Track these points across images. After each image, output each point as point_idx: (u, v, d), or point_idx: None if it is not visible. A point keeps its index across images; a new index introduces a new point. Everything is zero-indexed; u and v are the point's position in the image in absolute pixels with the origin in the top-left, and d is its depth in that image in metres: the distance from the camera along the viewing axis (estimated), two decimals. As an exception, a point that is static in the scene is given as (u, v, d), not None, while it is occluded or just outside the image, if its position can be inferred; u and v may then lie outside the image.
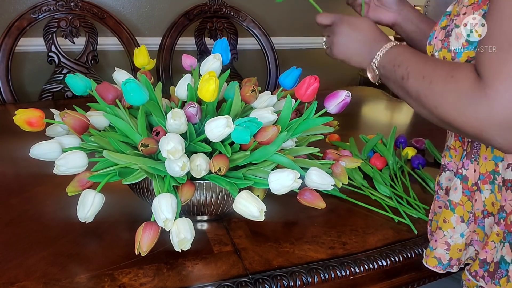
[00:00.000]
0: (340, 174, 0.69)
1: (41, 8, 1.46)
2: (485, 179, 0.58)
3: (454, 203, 0.61)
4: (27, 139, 0.64)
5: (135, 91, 0.58)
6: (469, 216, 0.60)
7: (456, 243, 0.61)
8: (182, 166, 0.57)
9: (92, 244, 0.64)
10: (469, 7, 0.55)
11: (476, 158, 0.59)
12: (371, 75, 0.67)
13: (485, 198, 0.58)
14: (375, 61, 0.65)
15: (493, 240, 0.57)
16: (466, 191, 0.60)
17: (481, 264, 0.59)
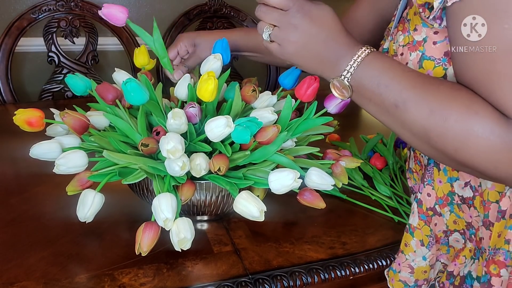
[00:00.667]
0: (340, 174, 0.69)
1: (41, 8, 1.46)
2: (444, 202, 0.57)
3: (413, 226, 0.60)
4: (27, 139, 0.64)
5: (136, 91, 0.58)
6: (429, 240, 0.59)
7: (419, 266, 0.60)
8: (182, 166, 0.57)
9: (92, 244, 0.64)
10: (405, 47, 0.53)
11: (429, 182, 0.58)
12: (338, 93, 0.51)
13: (447, 220, 0.58)
14: (347, 74, 0.49)
15: (465, 255, 0.57)
16: (422, 215, 0.59)
17: (448, 276, 0.58)
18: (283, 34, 0.51)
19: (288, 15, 0.51)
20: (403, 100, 0.47)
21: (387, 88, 0.48)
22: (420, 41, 0.51)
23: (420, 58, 0.51)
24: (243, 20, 1.77)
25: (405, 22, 0.55)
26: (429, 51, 0.51)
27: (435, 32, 0.50)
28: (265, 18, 0.52)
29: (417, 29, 0.52)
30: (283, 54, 0.53)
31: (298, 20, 0.50)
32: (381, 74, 0.48)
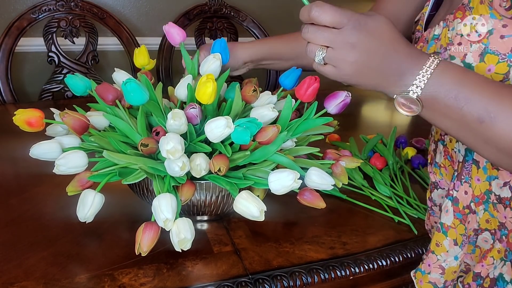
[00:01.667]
0: (340, 174, 0.69)
1: (41, 8, 1.46)
2: (480, 200, 0.56)
3: (446, 226, 0.58)
4: (27, 139, 0.64)
5: (135, 91, 0.58)
6: (463, 239, 0.58)
7: (450, 266, 0.59)
8: (182, 166, 0.57)
9: (92, 244, 0.64)
10: (463, 37, 0.50)
11: (467, 179, 0.56)
12: (406, 109, 0.46)
13: (479, 218, 0.56)
14: (416, 88, 0.44)
15: (493, 256, 0.55)
16: (458, 214, 0.57)
17: (474, 277, 0.56)
18: (339, 55, 0.46)
19: (343, 33, 0.45)
20: (489, 114, 0.42)
21: (468, 101, 0.43)
22: (485, 32, 0.48)
23: (482, 51, 0.48)
24: (243, 20, 1.77)
25: (466, 9, 0.50)
26: (494, 44, 0.47)
27: (504, 25, 0.47)
28: (316, 39, 0.46)
29: (483, 19, 0.48)
30: (340, 76, 0.47)
31: (355, 38, 0.45)
32: (459, 86, 0.43)
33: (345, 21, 0.45)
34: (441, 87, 0.44)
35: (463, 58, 0.50)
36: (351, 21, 0.45)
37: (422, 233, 0.72)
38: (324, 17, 0.45)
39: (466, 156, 0.56)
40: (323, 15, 0.45)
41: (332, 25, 0.45)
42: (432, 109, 0.45)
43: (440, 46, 0.53)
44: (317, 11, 0.45)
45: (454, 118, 0.44)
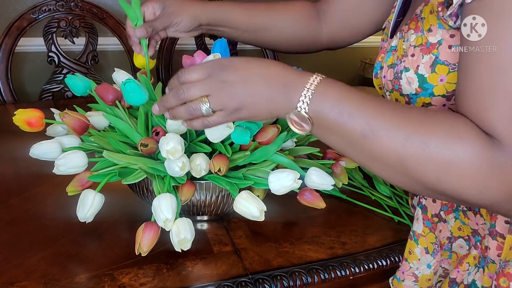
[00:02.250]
0: (340, 174, 0.69)
1: (41, 8, 1.46)
2: (449, 209, 0.56)
3: (417, 234, 0.58)
4: (27, 139, 0.64)
5: (135, 91, 0.58)
6: (434, 247, 0.57)
7: (423, 274, 0.58)
8: (182, 166, 0.57)
9: (92, 244, 0.64)
10: (416, 48, 0.50)
11: None
12: (298, 127, 0.46)
13: (451, 227, 0.56)
14: (303, 104, 0.44)
15: (469, 262, 0.55)
16: (427, 222, 0.58)
17: (450, 283, 0.57)
18: (219, 95, 0.47)
19: (213, 76, 0.47)
20: (371, 128, 0.43)
21: (351, 116, 0.43)
22: (434, 43, 0.48)
23: (433, 62, 0.48)
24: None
25: (419, 20, 0.51)
26: (443, 55, 0.48)
27: (452, 35, 0.47)
28: (194, 93, 0.48)
29: (432, 29, 0.49)
30: (231, 115, 0.48)
31: (225, 74, 0.47)
32: (342, 102, 0.44)
33: (210, 68, 0.48)
34: (325, 103, 0.44)
35: (416, 70, 0.50)
36: (215, 64, 0.48)
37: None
38: (192, 74, 0.48)
39: None
40: (190, 73, 0.48)
41: (199, 77, 0.48)
42: (320, 126, 0.45)
43: (397, 57, 0.53)
44: (184, 73, 0.49)
45: (341, 134, 0.45)
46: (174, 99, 0.49)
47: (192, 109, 0.48)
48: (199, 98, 0.48)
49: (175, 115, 0.51)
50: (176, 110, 0.50)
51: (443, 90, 0.49)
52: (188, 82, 0.48)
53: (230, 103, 0.47)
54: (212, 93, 0.47)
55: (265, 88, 0.46)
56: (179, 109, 0.50)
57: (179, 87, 0.49)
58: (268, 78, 0.46)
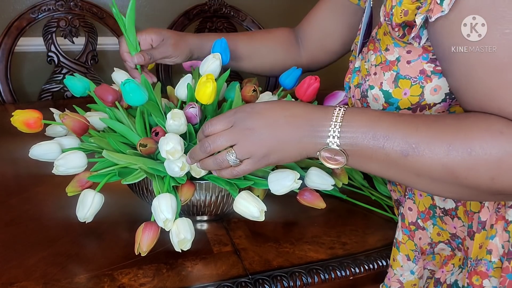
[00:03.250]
0: (340, 174, 0.69)
1: (40, 8, 1.46)
2: (426, 216, 0.57)
3: (398, 241, 0.60)
4: (27, 139, 0.64)
5: (134, 92, 0.58)
6: (415, 255, 0.58)
7: (408, 280, 0.60)
8: (182, 167, 0.57)
9: (91, 244, 0.64)
10: (377, 66, 0.52)
11: (410, 196, 0.57)
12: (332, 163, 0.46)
13: (430, 233, 0.58)
14: (333, 139, 0.44)
15: (454, 263, 0.56)
16: (405, 230, 0.59)
17: (435, 283, 0.58)
18: (245, 143, 0.47)
19: (237, 125, 0.47)
20: (411, 146, 0.42)
21: (387, 139, 0.43)
22: (393, 60, 0.51)
23: (395, 78, 0.50)
24: (242, 20, 1.77)
25: (375, 41, 0.54)
26: (403, 70, 0.50)
27: (408, 51, 0.50)
28: (219, 145, 0.48)
29: (389, 49, 0.51)
30: (260, 162, 0.48)
31: (249, 122, 0.47)
32: (374, 127, 0.44)
33: (233, 117, 0.48)
34: (356, 132, 0.44)
35: (380, 86, 0.52)
36: (238, 113, 0.48)
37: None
38: (215, 125, 0.49)
39: None
40: (214, 124, 0.49)
41: (224, 127, 0.48)
42: (357, 155, 0.45)
43: (361, 77, 0.55)
44: (208, 125, 0.49)
45: (380, 159, 0.44)
46: (201, 152, 0.50)
47: (220, 161, 0.49)
48: (225, 149, 0.48)
49: (204, 167, 0.52)
50: (205, 162, 0.51)
51: (408, 103, 0.51)
52: (213, 134, 0.49)
53: (257, 150, 0.47)
54: (238, 142, 0.47)
55: (291, 129, 0.46)
56: (207, 161, 0.51)
57: (205, 140, 0.49)
58: (293, 119, 0.46)
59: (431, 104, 0.50)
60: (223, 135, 0.48)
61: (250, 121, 0.47)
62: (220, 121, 0.49)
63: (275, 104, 0.48)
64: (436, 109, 0.50)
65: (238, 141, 0.47)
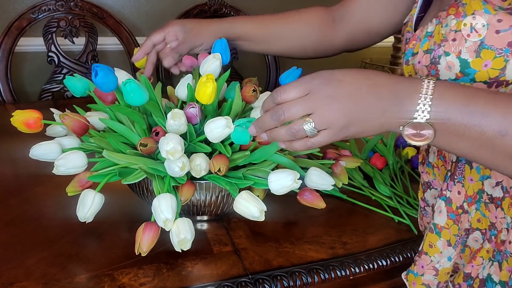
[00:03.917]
0: (340, 174, 0.69)
1: (40, 8, 1.46)
2: (472, 200, 0.55)
3: (440, 226, 0.57)
4: (27, 139, 0.64)
5: (135, 92, 0.57)
6: (456, 240, 0.57)
7: (444, 267, 0.58)
8: (182, 167, 0.57)
9: (92, 244, 0.64)
10: (458, 32, 0.49)
11: (460, 179, 0.56)
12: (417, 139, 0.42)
13: (471, 218, 0.56)
14: (422, 114, 0.41)
15: (482, 256, 0.55)
16: (451, 214, 0.57)
17: (465, 277, 0.56)
18: (324, 113, 0.43)
19: (316, 93, 0.43)
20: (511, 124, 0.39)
21: (484, 115, 0.40)
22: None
23: (478, 47, 0.47)
24: (243, 20, 1.77)
25: (459, 6, 0.50)
26: (489, 39, 0.46)
27: (499, 20, 0.46)
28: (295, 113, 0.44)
29: (476, 14, 0.47)
30: (339, 134, 0.45)
31: (330, 89, 0.43)
32: (470, 103, 0.40)
33: (309, 84, 0.44)
34: (450, 106, 0.41)
35: (458, 54, 0.49)
36: (315, 79, 0.44)
37: (422, 233, 0.72)
38: (289, 92, 0.45)
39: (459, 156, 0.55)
40: (287, 91, 0.45)
41: (300, 94, 0.44)
42: (447, 132, 0.42)
43: (433, 43, 0.52)
44: (281, 92, 0.45)
45: (473, 137, 0.41)
46: (272, 121, 0.46)
47: (295, 130, 0.45)
48: (301, 118, 0.44)
49: (274, 137, 0.48)
50: (276, 132, 0.47)
51: (486, 76, 0.47)
52: (287, 102, 0.45)
53: (337, 120, 0.43)
54: (316, 111, 0.44)
55: (375, 100, 0.43)
56: (279, 131, 0.47)
57: (277, 108, 0.45)
58: (377, 89, 0.43)
59: (510, 81, 0.46)
60: (300, 103, 0.44)
61: (330, 89, 0.43)
62: (295, 87, 0.44)
63: (357, 71, 0.44)
64: None
65: (316, 109, 0.43)
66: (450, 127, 0.41)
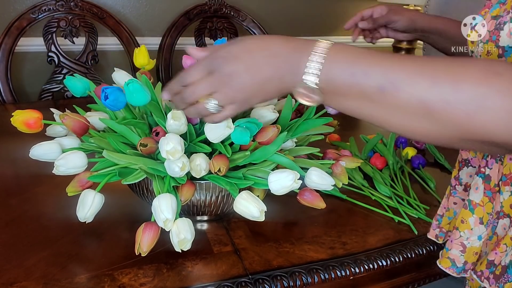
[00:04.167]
0: (340, 174, 0.69)
1: (40, 8, 1.46)
2: (507, 180, 0.54)
3: (474, 203, 0.56)
4: (27, 139, 0.64)
5: (138, 92, 0.57)
6: (489, 218, 0.56)
7: (472, 245, 0.57)
8: (182, 167, 0.57)
9: (92, 244, 0.64)
10: None
11: (501, 157, 0.54)
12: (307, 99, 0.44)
13: (504, 200, 0.54)
14: (312, 72, 0.43)
15: (506, 243, 0.53)
16: (488, 192, 0.55)
17: (488, 265, 0.55)
18: (226, 91, 0.46)
19: (214, 73, 0.46)
20: (390, 81, 0.40)
21: (365, 75, 0.41)
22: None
23: None
24: (243, 20, 1.77)
25: None
26: None
27: None
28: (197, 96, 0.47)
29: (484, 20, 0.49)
30: (243, 105, 0.48)
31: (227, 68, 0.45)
32: (355, 62, 0.42)
33: (209, 64, 0.46)
34: (335, 69, 0.42)
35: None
36: (213, 58, 0.46)
37: (422, 233, 0.72)
38: (192, 75, 0.47)
39: None
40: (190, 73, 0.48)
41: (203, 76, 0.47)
42: (332, 93, 0.43)
43: (504, 9, 0.50)
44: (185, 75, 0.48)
45: (355, 96, 0.42)
46: (183, 103, 0.50)
47: (200, 109, 0.48)
48: (205, 97, 0.47)
49: (187, 115, 0.53)
50: (187, 112, 0.51)
51: None
52: (191, 84, 0.48)
53: (239, 95, 0.46)
54: (218, 90, 0.46)
55: (272, 71, 0.45)
56: (189, 110, 0.51)
57: (184, 91, 0.48)
58: (273, 59, 0.45)
59: None
60: (201, 84, 0.47)
61: (228, 67, 0.45)
62: (196, 69, 0.47)
63: (253, 43, 0.46)
64: None
65: (218, 88, 0.46)
66: (333, 89, 0.43)
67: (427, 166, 0.97)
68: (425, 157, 1.00)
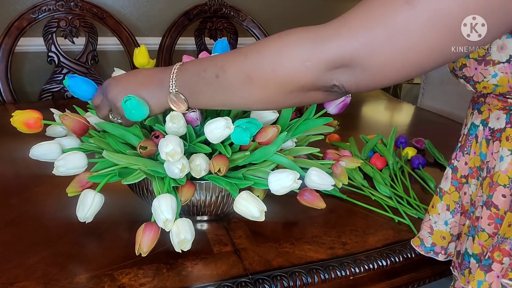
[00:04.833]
0: (340, 174, 0.69)
1: (40, 8, 1.46)
2: (473, 173, 0.59)
3: (444, 191, 0.62)
4: (27, 139, 0.64)
5: (136, 108, 0.57)
6: (455, 206, 0.61)
7: (439, 229, 0.62)
8: (182, 168, 0.57)
9: (92, 244, 0.64)
10: None
11: (468, 151, 0.60)
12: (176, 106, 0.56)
13: (472, 192, 0.59)
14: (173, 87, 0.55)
15: (465, 232, 0.59)
16: (454, 182, 0.61)
17: (456, 255, 0.61)
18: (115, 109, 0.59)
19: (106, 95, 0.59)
20: (219, 67, 0.50)
21: (205, 70, 0.52)
22: None
23: None
24: (242, 20, 1.77)
25: None
26: None
27: None
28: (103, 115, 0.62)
29: None
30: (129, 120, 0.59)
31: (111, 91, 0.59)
32: (199, 67, 0.53)
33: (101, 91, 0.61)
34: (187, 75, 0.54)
35: None
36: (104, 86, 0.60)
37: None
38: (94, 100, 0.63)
39: (470, 129, 0.59)
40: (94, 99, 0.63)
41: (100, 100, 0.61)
42: (191, 94, 0.54)
43: None
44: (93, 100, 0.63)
45: (205, 88, 0.53)
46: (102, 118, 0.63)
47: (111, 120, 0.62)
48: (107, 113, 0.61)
49: None
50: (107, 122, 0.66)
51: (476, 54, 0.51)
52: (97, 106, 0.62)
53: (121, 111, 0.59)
54: (112, 106, 0.59)
55: (146, 92, 0.57)
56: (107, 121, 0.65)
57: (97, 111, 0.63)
58: (145, 79, 0.58)
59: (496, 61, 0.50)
60: (101, 106, 0.61)
61: (112, 90, 0.58)
62: (96, 96, 0.62)
63: (129, 73, 0.61)
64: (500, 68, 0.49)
65: (111, 105, 0.59)
66: (190, 90, 0.54)
67: (427, 166, 0.97)
68: (425, 157, 1.00)
